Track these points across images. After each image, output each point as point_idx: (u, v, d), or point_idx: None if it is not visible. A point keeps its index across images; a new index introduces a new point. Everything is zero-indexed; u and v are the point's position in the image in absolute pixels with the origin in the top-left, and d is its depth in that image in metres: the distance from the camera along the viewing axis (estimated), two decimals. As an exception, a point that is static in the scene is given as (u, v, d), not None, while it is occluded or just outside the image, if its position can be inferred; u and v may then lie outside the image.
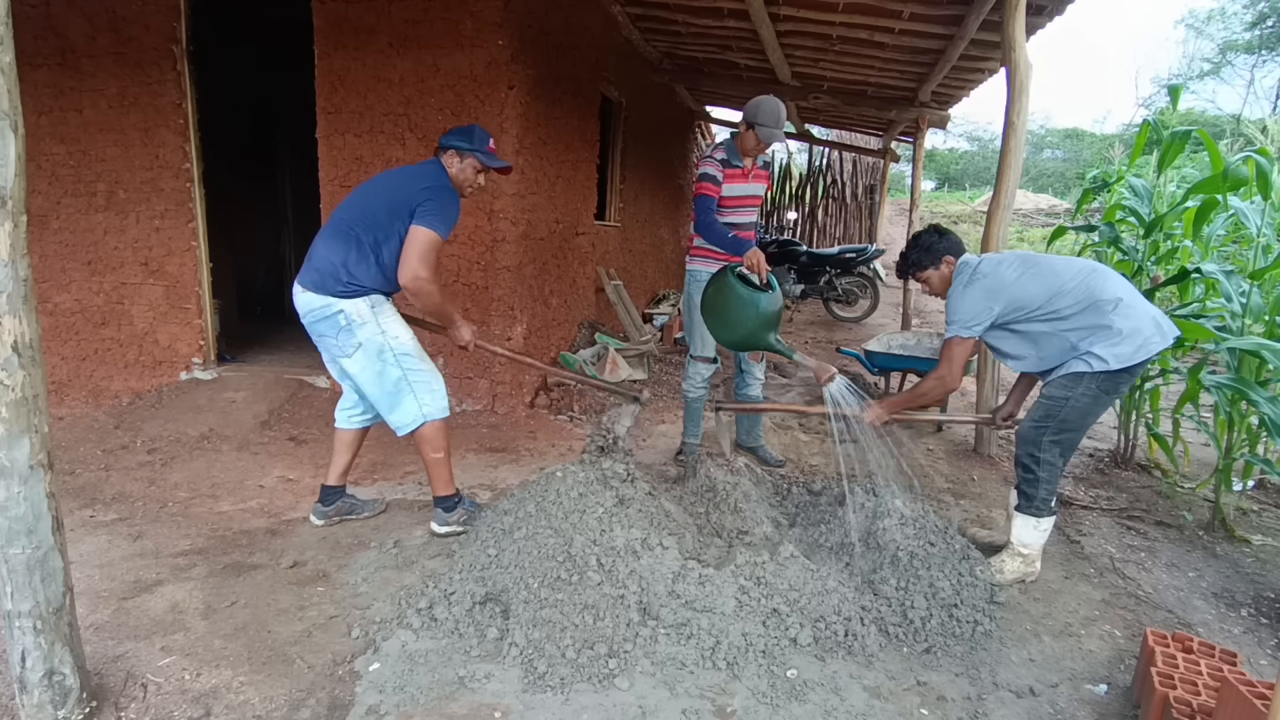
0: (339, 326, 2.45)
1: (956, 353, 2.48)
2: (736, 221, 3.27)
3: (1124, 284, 2.40)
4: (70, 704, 1.67)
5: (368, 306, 2.46)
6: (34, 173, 4.32)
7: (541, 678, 1.87)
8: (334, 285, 2.42)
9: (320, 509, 2.81)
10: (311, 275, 2.45)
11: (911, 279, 2.73)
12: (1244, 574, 2.70)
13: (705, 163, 3.21)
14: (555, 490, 2.35)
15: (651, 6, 5.23)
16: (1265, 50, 19.12)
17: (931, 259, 2.62)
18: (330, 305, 2.43)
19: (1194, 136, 3.26)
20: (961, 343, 2.47)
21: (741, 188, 3.23)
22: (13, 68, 1.47)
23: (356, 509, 2.86)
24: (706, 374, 3.40)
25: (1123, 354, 2.27)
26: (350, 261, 2.43)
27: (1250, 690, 1.57)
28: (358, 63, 3.98)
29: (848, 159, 13.15)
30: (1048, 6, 3.86)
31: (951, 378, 2.50)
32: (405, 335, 2.54)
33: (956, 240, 2.66)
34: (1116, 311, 2.30)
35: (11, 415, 1.51)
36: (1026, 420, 2.47)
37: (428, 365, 2.60)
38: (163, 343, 4.53)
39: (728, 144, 3.23)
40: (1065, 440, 2.40)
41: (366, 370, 2.49)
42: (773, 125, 3.03)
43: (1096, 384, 2.32)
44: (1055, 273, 2.41)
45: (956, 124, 23.71)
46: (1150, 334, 2.30)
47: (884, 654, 2.07)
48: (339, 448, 2.78)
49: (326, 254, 2.45)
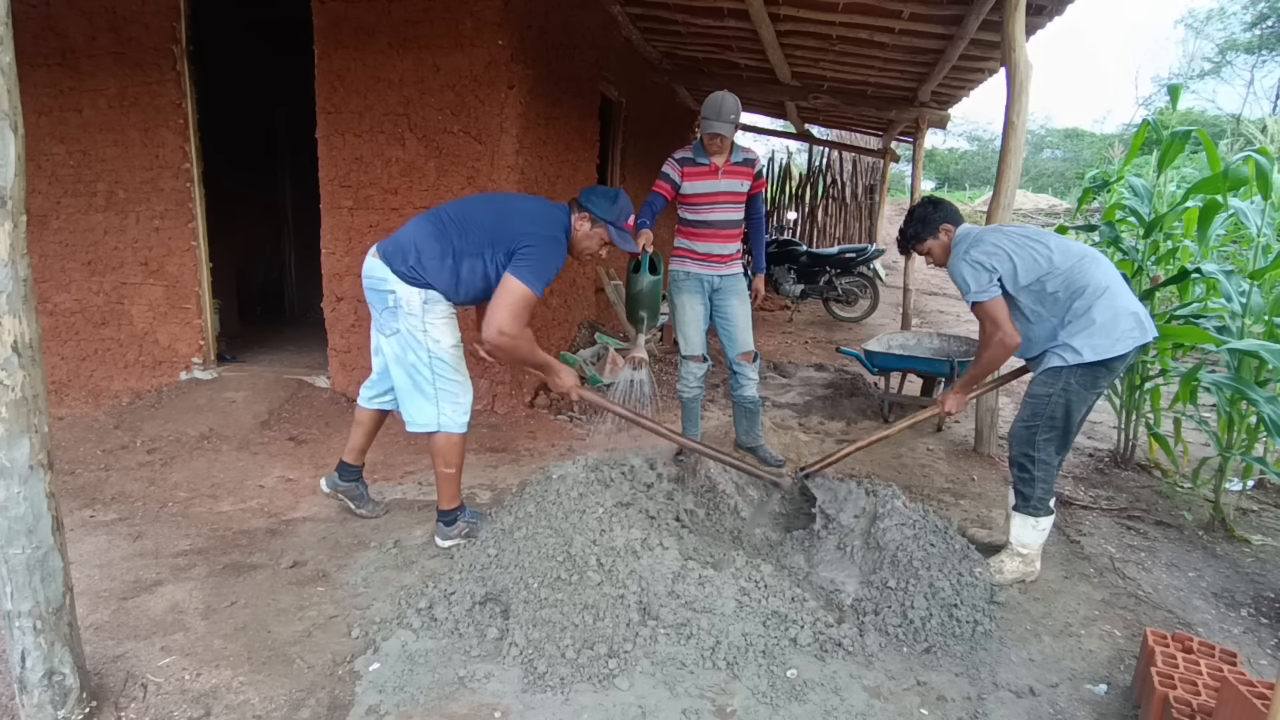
0: (386, 305, 2.42)
1: (995, 311, 2.40)
2: (710, 219, 3.27)
3: (1114, 275, 2.40)
4: (70, 704, 1.67)
5: (420, 300, 2.40)
6: (34, 173, 4.33)
7: (541, 678, 1.87)
8: (399, 264, 2.39)
9: (334, 479, 2.87)
10: (387, 245, 2.44)
11: (913, 253, 2.72)
12: (1244, 574, 2.70)
13: (667, 161, 3.27)
14: (555, 490, 2.35)
15: (651, 6, 5.23)
16: (1265, 50, 19.13)
17: (930, 230, 2.62)
18: (387, 280, 2.40)
19: (1194, 136, 3.26)
20: (991, 304, 2.40)
21: (708, 185, 3.23)
22: (13, 68, 1.47)
23: (361, 501, 2.88)
24: (699, 373, 3.41)
25: (1099, 346, 2.27)
26: (426, 253, 2.38)
27: (1250, 690, 1.57)
28: (358, 63, 3.98)
29: (848, 159, 13.15)
30: (1048, 6, 3.86)
31: (1007, 334, 2.39)
32: (448, 340, 2.47)
33: (952, 208, 2.65)
34: (1099, 301, 2.30)
35: (11, 415, 1.51)
36: (1017, 421, 2.48)
37: (462, 377, 2.53)
38: (163, 343, 4.53)
39: (696, 143, 3.26)
40: (1057, 437, 2.41)
41: (400, 358, 2.47)
42: (712, 117, 3.10)
43: (1075, 378, 2.32)
44: (1051, 251, 2.41)
45: (956, 124, 23.72)
46: (1129, 328, 2.29)
47: (884, 654, 2.07)
48: (355, 425, 2.80)
49: (411, 234, 2.42)
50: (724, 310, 3.39)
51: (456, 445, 2.54)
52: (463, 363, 2.55)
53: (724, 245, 3.32)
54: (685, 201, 3.28)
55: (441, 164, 4.01)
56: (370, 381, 2.74)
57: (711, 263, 3.33)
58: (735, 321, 3.38)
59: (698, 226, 3.30)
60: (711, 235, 3.30)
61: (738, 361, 3.41)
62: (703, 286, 3.36)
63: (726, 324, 3.41)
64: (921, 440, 4.12)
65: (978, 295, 2.42)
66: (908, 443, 4.05)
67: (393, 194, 4.09)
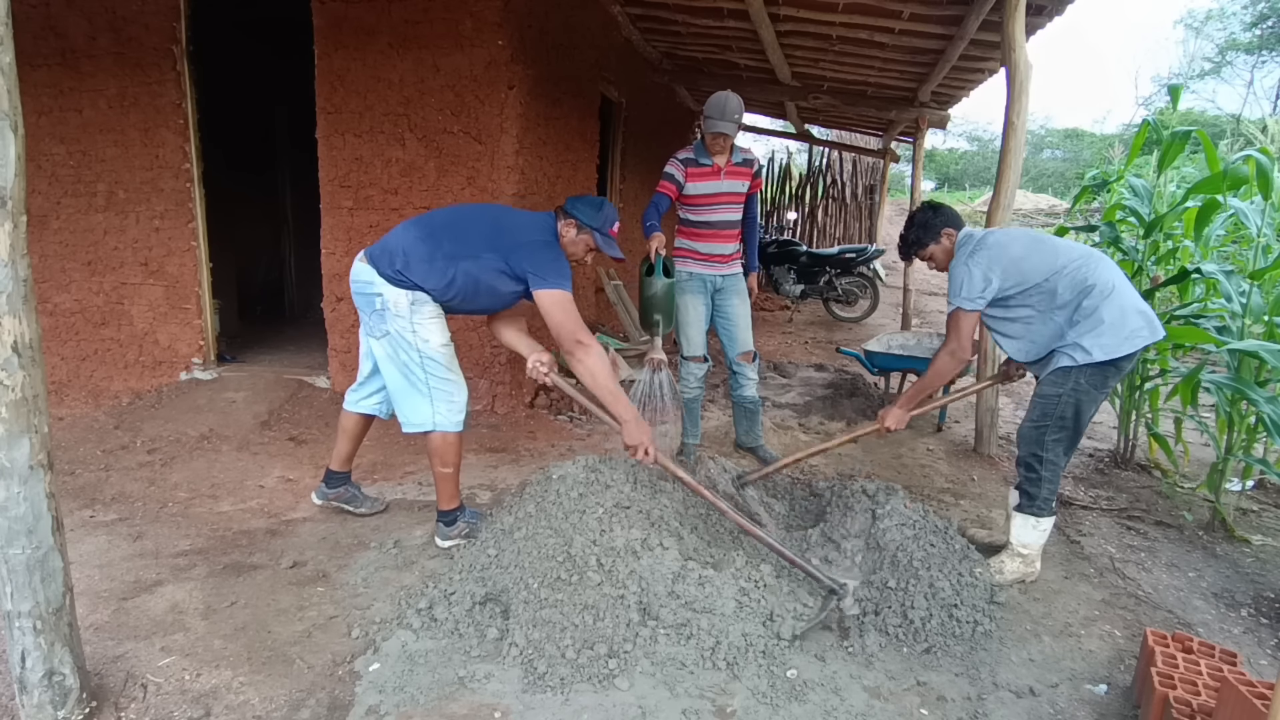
0: (374, 308, 2.45)
1: (964, 324, 2.46)
2: (712, 219, 3.29)
3: (1119, 275, 2.40)
4: (70, 704, 1.67)
5: (407, 301, 2.42)
6: (34, 173, 4.33)
7: (541, 678, 1.87)
8: (385, 268, 2.42)
9: (323, 490, 2.88)
10: (374, 250, 2.48)
11: (915, 259, 2.73)
12: (1244, 574, 2.70)
13: (670, 162, 3.28)
14: (555, 491, 2.35)
15: (651, 6, 5.23)
16: (1265, 50, 19.13)
17: (931, 235, 2.62)
18: (373, 284, 2.43)
19: (1193, 137, 3.26)
20: (966, 315, 2.46)
21: (711, 185, 3.24)
22: (13, 68, 1.47)
23: (356, 501, 2.89)
24: (699, 373, 3.41)
25: (1108, 345, 2.27)
26: (414, 256, 2.40)
27: (1250, 690, 1.57)
28: (358, 63, 3.98)
29: (848, 159, 13.15)
30: (1048, 6, 3.86)
31: (961, 349, 2.48)
32: (437, 340, 2.49)
33: (952, 213, 2.66)
34: (1108, 300, 2.30)
35: (11, 415, 1.51)
36: (1025, 421, 2.47)
37: (455, 375, 2.54)
38: (163, 343, 4.53)
39: (697, 144, 3.27)
40: (1066, 437, 2.40)
41: (390, 359, 2.49)
42: (716, 117, 3.11)
43: (1085, 378, 2.32)
44: (1056, 253, 2.41)
45: (956, 124, 23.72)
46: (1138, 327, 2.29)
47: (884, 654, 2.07)
48: (341, 433, 2.79)
49: (398, 239, 2.46)
50: (725, 310, 3.40)
51: (453, 444, 2.55)
52: (455, 361, 2.56)
53: (726, 245, 3.34)
54: (687, 202, 3.29)
55: (441, 164, 4.01)
56: (356, 385, 2.76)
57: (714, 262, 3.34)
58: (736, 321, 3.39)
59: (700, 227, 3.31)
60: (714, 235, 3.31)
61: (738, 361, 3.41)
62: (705, 286, 3.37)
63: (727, 324, 3.41)
64: (921, 440, 4.12)
65: (964, 302, 2.45)
66: (908, 443, 4.05)
67: (393, 194, 4.09)
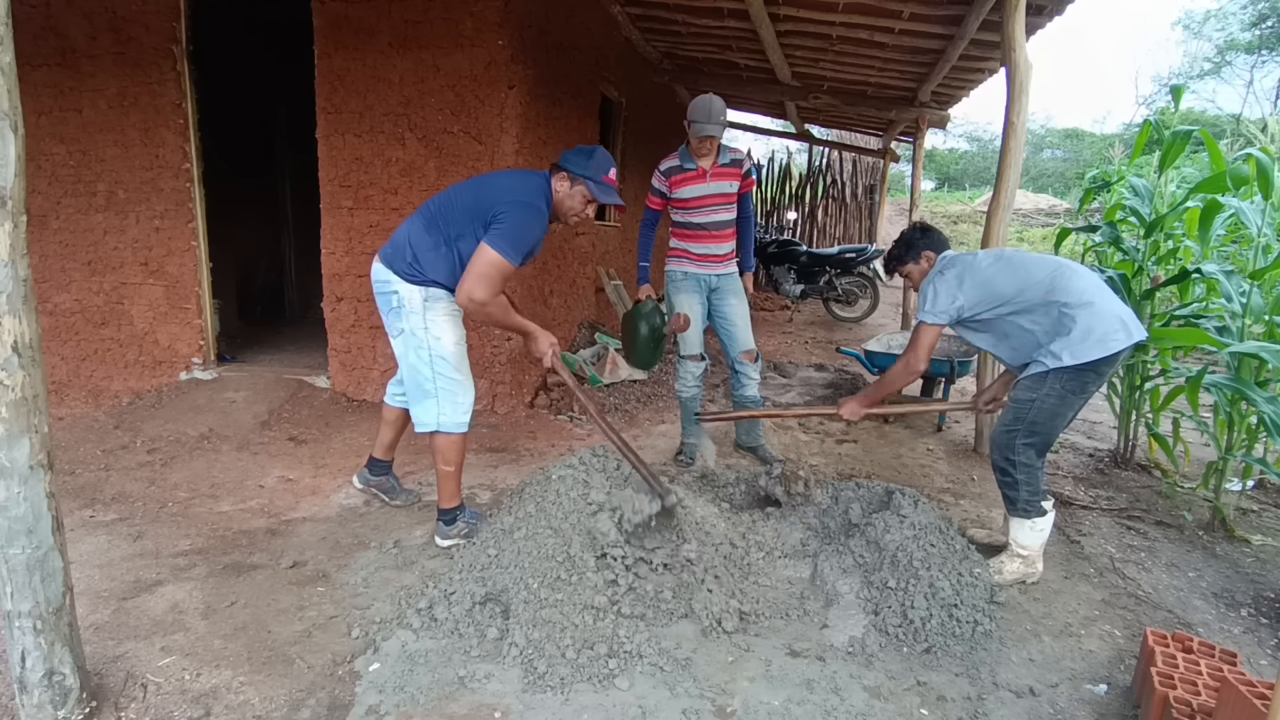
0: (391, 306, 2.48)
1: (923, 338, 2.55)
2: (703, 221, 3.30)
3: (1092, 281, 2.42)
4: (70, 704, 1.67)
5: (420, 298, 2.44)
6: (34, 173, 4.33)
7: (541, 678, 1.87)
8: (399, 264, 2.44)
9: (365, 475, 3.00)
10: (387, 249, 2.51)
11: (896, 274, 2.83)
12: (1244, 574, 2.70)
13: (654, 175, 3.32)
14: (555, 490, 2.35)
15: (651, 6, 5.23)
16: (1265, 50, 19.11)
17: (912, 254, 2.70)
18: (390, 282, 2.46)
19: (1194, 136, 3.26)
20: (928, 329, 2.53)
21: (698, 188, 3.25)
22: (13, 68, 1.47)
23: (394, 493, 2.98)
24: (697, 372, 3.42)
25: (1083, 351, 2.29)
26: (420, 246, 2.42)
27: (1250, 690, 1.57)
28: (358, 63, 3.98)
29: (848, 159, 13.14)
30: (1048, 6, 3.86)
31: (916, 361, 2.57)
32: (449, 338, 2.50)
33: (940, 237, 2.73)
34: (1081, 308, 2.32)
35: (11, 415, 1.51)
36: (998, 425, 2.49)
37: (462, 375, 2.54)
38: (163, 343, 4.54)
39: (682, 148, 3.29)
40: (1038, 442, 2.42)
41: (404, 357, 2.52)
42: (702, 120, 3.11)
43: (1061, 383, 2.33)
44: (1026, 268, 2.45)
45: (956, 124, 23.73)
46: (1112, 330, 2.30)
47: (884, 654, 2.07)
48: (383, 422, 2.90)
49: (404, 232, 2.48)
50: (722, 310, 3.40)
51: (456, 444, 2.56)
52: (465, 362, 2.56)
53: (719, 245, 3.34)
54: (677, 206, 3.31)
55: (441, 164, 4.01)
56: (395, 379, 2.81)
57: (708, 263, 3.35)
58: (735, 321, 3.39)
59: (691, 229, 3.32)
60: (706, 237, 3.32)
61: (739, 361, 3.41)
62: (700, 286, 3.38)
63: (726, 323, 3.41)
64: (921, 440, 4.12)
65: (927, 315, 2.52)
66: (908, 443, 4.05)
67: (393, 194, 4.09)
